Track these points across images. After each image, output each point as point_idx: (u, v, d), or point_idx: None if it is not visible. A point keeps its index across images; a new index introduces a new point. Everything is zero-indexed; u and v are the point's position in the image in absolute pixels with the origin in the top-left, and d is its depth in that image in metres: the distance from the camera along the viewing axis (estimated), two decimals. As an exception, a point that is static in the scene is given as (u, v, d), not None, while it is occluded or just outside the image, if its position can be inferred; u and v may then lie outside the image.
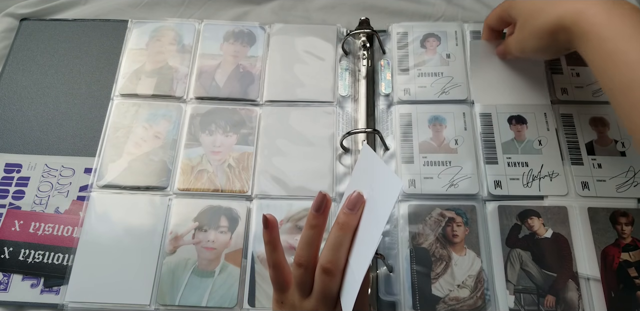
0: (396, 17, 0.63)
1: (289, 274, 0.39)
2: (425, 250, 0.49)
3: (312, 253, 0.37)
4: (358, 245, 0.35)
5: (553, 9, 0.44)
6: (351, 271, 0.35)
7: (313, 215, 0.37)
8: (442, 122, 0.55)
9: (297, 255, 0.37)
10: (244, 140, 0.55)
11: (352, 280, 0.35)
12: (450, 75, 0.57)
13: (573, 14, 0.42)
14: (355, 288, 0.33)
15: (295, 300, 0.38)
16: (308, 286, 0.37)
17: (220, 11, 0.65)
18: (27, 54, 0.62)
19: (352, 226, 0.36)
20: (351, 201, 0.36)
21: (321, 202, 0.37)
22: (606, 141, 0.53)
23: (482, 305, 0.46)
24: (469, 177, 0.52)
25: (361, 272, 0.33)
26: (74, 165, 0.55)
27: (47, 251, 0.50)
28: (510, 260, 0.48)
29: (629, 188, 0.51)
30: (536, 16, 0.46)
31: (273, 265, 0.38)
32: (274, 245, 0.38)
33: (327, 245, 0.36)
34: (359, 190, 0.36)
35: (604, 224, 0.49)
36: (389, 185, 0.34)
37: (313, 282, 0.37)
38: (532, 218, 0.50)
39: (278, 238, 0.39)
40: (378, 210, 0.34)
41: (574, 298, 0.46)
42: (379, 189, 0.35)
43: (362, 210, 0.36)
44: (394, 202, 0.33)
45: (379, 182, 0.35)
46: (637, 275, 0.47)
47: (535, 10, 0.46)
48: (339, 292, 0.36)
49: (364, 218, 0.36)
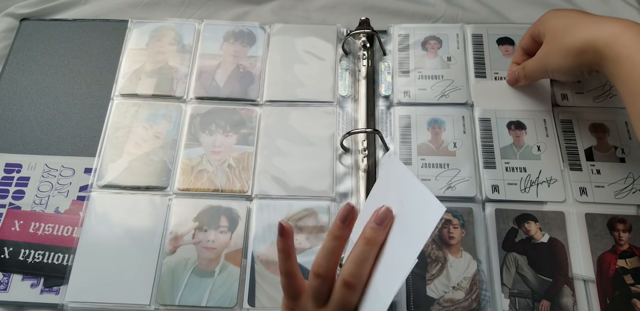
0: (396, 18, 0.63)
1: (302, 282, 0.38)
2: (421, 252, 0.48)
3: (332, 264, 0.36)
4: (385, 263, 0.34)
5: (587, 29, 0.44)
6: (375, 288, 0.34)
7: (338, 226, 0.36)
8: (441, 125, 0.55)
9: (316, 265, 0.36)
10: (244, 140, 0.55)
11: (376, 298, 0.34)
12: (451, 78, 0.57)
13: (608, 37, 0.42)
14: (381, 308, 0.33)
15: (309, 309, 0.37)
16: (324, 297, 0.36)
17: (220, 11, 0.65)
18: (27, 54, 0.62)
19: (379, 241, 0.35)
20: (379, 216, 0.35)
21: (348, 213, 0.36)
22: (606, 147, 0.53)
23: (476, 307, 0.46)
24: (467, 180, 0.52)
25: (390, 294, 0.33)
26: (74, 165, 0.55)
27: (47, 251, 0.50)
28: (506, 264, 0.48)
29: (627, 194, 0.51)
30: (566, 33, 0.45)
31: (286, 273, 0.38)
32: (288, 253, 0.38)
33: (351, 258, 0.35)
34: (388, 205, 0.35)
35: (601, 230, 0.49)
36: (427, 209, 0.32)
37: (329, 293, 0.36)
38: (529, 222, 0.50)
39: (293, 246, 0.38)
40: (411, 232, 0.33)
41: (569, 304, 0.46)
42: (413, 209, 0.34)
43: (391, 226, 0.35)
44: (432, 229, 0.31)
45: (412, 201, 0.34)
46: (633, 282, 0.47)
47: (566, 27, 0.45)
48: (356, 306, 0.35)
49: (393, 235, 0.35)
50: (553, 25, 0.47)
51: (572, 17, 0.46)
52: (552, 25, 0.47)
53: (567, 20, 0.46)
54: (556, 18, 0.48)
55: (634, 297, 0.46)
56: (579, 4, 0.64)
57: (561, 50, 0.46)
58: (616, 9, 0.63)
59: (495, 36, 0.60)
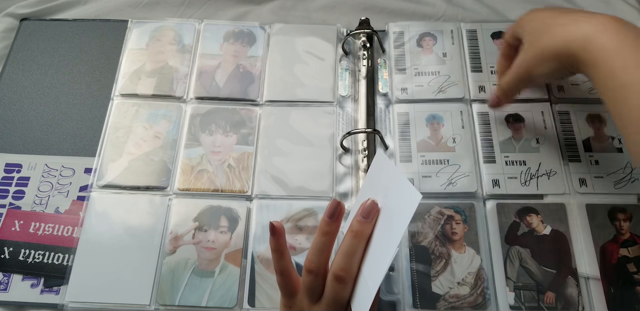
0: (396, 17, 0.63)
1: (297, 280, 0.39)
2: (425, 248, 0.49)
3: (323, 259, 0.37)
4: (372, 255, 0.35)
5: (560, 31, 0.41)
6: (364, 280, 0.35)
7: (326, 221, 0.37)
8: (440, 121, 0.55)
9: (307, 261, 0.37)
10: (244, 140, 0.55)
11: (365, 290, 0.34)
12: (447, 74, 0.58)
13: (581, 39, 0.39)
14: (369, 299, 0.33)
15: (304, 306, 0.37)
16: (318, 292, 0.37)
17: (220, 11, 0.65)
18: (27, 54, 0.62)
19: (366, 234, 0.35)
20: (365, 209, 0.35)
21: (335, 208, 0.37)
22: (603, 138, 0.53)
23: (482, 302, 0.46)
24: (467, 175, 0.52)
25: (375, 283, 0.33)
26: (74, 165, 0.55)
27: (47, 251, 0.50)
28: (510, 257, 0.48)
29: (626, 184, 0.51)
30: (543, 36, 0.43)
31: (280, 272, 0.38)
32: (280, 252, 0.39)
33: (340, 252, 0.36)
34: (373, 198, 0.36)
35: (603, 220, 0.49)
36: (407, 197, 0.33)
37: (323, 288, 0.36)
38: (530, 215, 0.50)
39: (285, 245, 0.39)
40: (394, 221, 0.34)
41: (573, 294, 0.46)
42: (395, 199, 0.35)
43: (377, 218, 0.36)
44: (411, 215, 0.32)
45: (395, 192, 0.35)
46: (636, 271, 0.47)
47: (540, 31, 0.43)
48: (349, 299, 0.36)
49: (379, 227, 0.35)
50: (528, 28, 0.45)
51: (548, 17, 0.43)
52: (528, 28, 0.45)
53: (543, 21, 0.43)
54: (532, 21, 0.45)
55: (637, 285, 0.46)
56: (579, 4, 0.64)
57: (539, 55, 0.43)
58: (616, 9, 0.63)
59: (489, 31, 0.60)
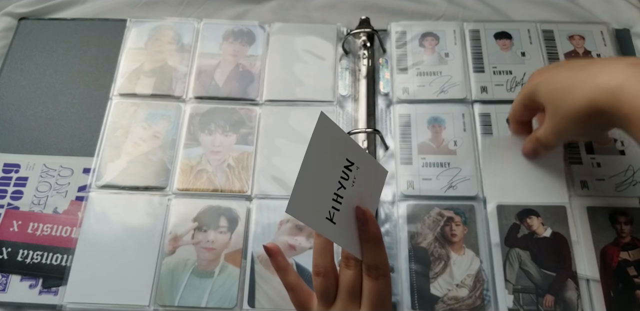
0: (397, 17, 0.63)
1: (308, 291, 0.40)
2: (424, 250, 0.48)
3: (328, 260, 0.38)
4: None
5: (582, 90, 0.39)
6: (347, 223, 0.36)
7: None
8: (442, 124, 0.55)
9: (314, 265, 0.38)
10: (243, 139, 0.55)
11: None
12: (449, 74, 0.57)
13: (607, 96, 0.37)
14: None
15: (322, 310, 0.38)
16: (332, 295, 0.38)
17: (219, 10, 0.65)
18: (26, 53, 0.61)
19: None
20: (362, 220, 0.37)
21: None
22: (605, 140, 0.53)
23: (480, 304, 0.46)
24: (468, 179, 0.52)
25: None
26: (73, 165, 0.55)
27: (45, 252, 0.50)
28: (509, 260, 0.48)
29: (628, 187, 0.51)
30: (566, 99, 0.41)
31: (291, 288, 0.40)
32: (284, 269, 0.40)
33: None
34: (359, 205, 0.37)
35: (603, 223, 0.49)
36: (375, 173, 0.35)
37: (335, 289, 0.37)
38: (531, 217, 0.50)
39: (286, 261, 0.41)
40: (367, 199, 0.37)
41: (573, 298, 0.46)
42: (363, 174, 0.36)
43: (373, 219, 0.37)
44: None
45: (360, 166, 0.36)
46: (636, 274, 0.47)
47: (563, 93, 0.41)
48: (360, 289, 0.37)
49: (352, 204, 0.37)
50: (549, 92, 0.43)
51: (563, 79, 0.42)
52: (548, 93, 0.43)
53: (559, 84, 0.42)
54: (548, 85, 0.43)
55: (637, 289, 0.46)
56: (581, 4, 0.63)
57: (569, 118, 0.41)
58: (619, 9, 0.62)
59: (492, 31, 0.60)
